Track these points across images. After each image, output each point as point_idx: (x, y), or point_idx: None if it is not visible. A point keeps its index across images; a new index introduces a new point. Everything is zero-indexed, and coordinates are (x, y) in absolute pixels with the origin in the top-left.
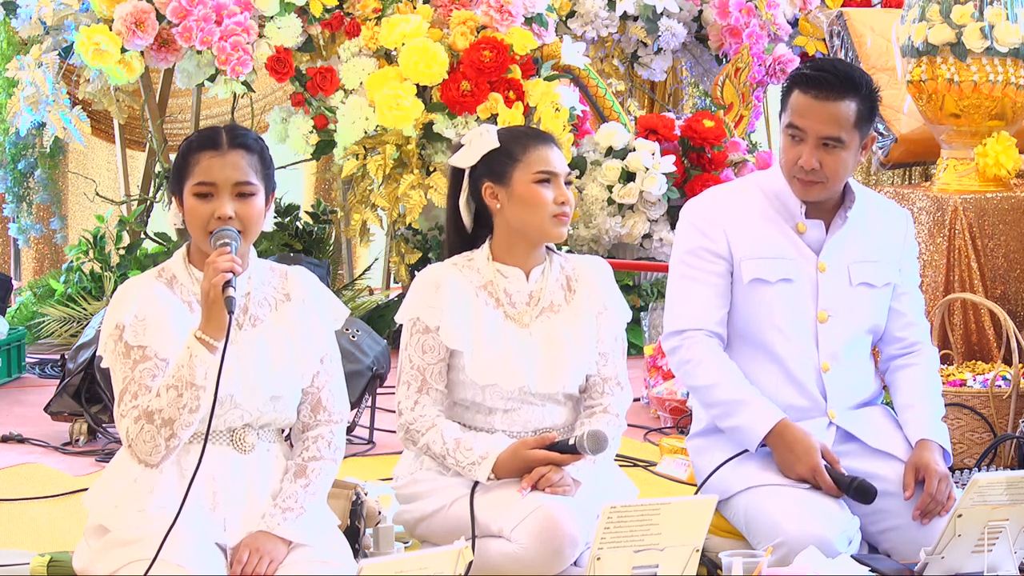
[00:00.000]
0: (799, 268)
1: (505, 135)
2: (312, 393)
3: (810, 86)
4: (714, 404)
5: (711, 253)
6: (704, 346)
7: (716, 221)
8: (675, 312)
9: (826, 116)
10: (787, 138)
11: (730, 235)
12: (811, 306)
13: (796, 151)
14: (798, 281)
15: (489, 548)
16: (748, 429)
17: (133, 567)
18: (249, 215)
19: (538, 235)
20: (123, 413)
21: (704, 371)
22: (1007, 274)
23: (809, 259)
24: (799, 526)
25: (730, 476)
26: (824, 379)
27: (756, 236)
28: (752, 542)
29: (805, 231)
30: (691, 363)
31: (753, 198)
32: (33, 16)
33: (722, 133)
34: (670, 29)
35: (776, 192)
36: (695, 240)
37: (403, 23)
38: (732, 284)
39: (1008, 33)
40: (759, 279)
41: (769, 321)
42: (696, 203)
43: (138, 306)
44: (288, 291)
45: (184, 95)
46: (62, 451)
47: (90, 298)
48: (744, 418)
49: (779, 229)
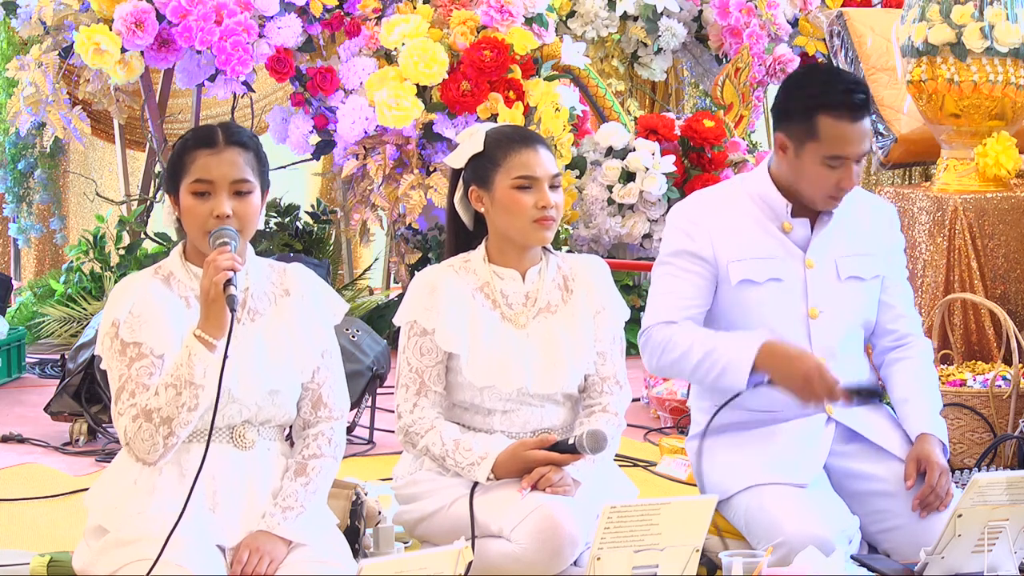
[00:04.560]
0: (787, 267)
1: (491, 138)
2: (312, 389)
3: (845, 110)
4: (694, 367)
5: (694, 256)
6: (663, 329)
7: (702, 224)
8: (649, 312)
9: (861, 135)
10: (823, 167)
11: (715, 239)
12: (801, 304)
13: (835, 176)
14: (787, 280)
15: (489, 548)
16: (735, 361)
17: (133, 567)
18: (246, 213)
19: (520, 240)
20: (121, 411)
21: (670, 345)
22: (1007, 274)
23: (796, 257)
24: (799, 526)
25: (729, 476)
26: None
27: (742, 238)
28: (752, 542)
29: (791, 230)
30: (657, 348)
31: (738, 200)
32: (33, 16)
33: (722, 133)
34: (670, 29)
35: (761, 194)
36: (679, 243)
37: (403, 23)
38: (718, 287)
39: (1008, 33)
40: (747, 280)
41: (760, 321)
42: (682, 207)
43: (134, 302)
44: (287, 287)
45: (184, 95)
46: (62, 451)
47: (90, 298)
48: (725, 355)
49: (765, 230)
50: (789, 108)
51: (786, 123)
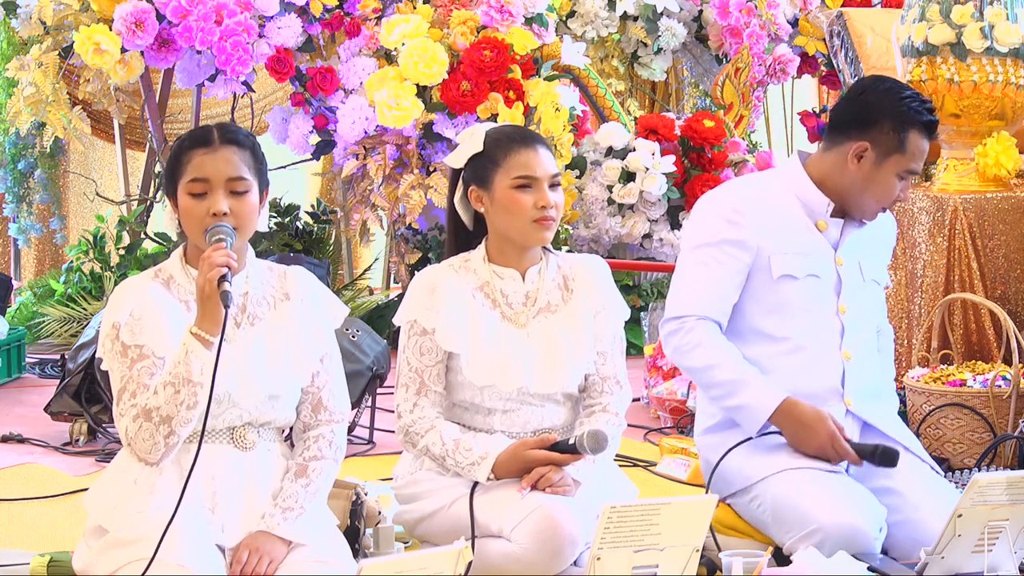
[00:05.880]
0: (822, 264)
1: (490, 137)
2: (312, 393)
3: (930, 132)
4: (714, 385)
5: (737, 246)
6: (702, 329)
7: (748, 214)
8: (681, 297)
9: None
10: (896, 180)
11: (761, 229)
12: (833, 299)
13: (900, 187)
14: (823, 277)
15: (489, 548)
16: (754, 407)
17: (133, 567)
18: (243, 211)
19: (520, 240)
20: (122, 412)
21: (703, 352)
22: (1007, 274)
23: (829, 255)
24: (832, 515)
25: (746, 465)
26: (846, 368)
27: (785, 232)
28: (779, 531)
29: (826, 229)
30: (689, 345)
31: (779, 194)
32: (33, 16)
33: (722, 133)
34: (670, 29)
35: (800, 191)
36: (721, 230)
37: (403, 23)
38: (753, 277)
39: (1008, 33)
40: (788, 275)
41: (793, 314)
42: (722, 195)
43: (134, 305)
44: (287, 290)
45: (184, 95)
46: (62, 451)
47: (90, 298)
48: (748, 397)
49: (804, 225)
50: (879, 119)
51: (874, 132)
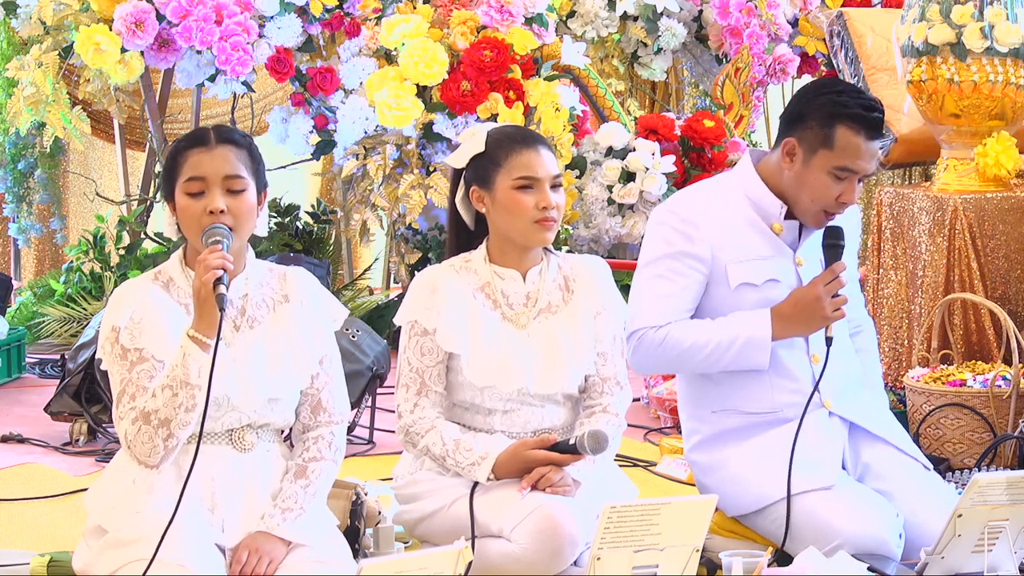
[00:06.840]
0: (781, 266)
1: (492, 138)
2: (312, 394)
3: (864, 127)
4: (709, 353)
5: (692, 258)
6: (660, 330)
7: (700, 225)
8: (639, 313)
9: (872, 153)
10: (830, 177)
11: (715, 240)
12: None
13: (838, 188)
14: (783, 280)
15: (489, 548)
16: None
17: (132, 567)
18: (240, 210)
19: (521, 240)
20: (121, 415)
21: (673, 337)
22: (1007, 274)
23: (787, 256)
24: (856, 527)
25: (765, 484)
26: (814, 371)
27: (739, 238)
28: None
29: (781, 232)
30: (655, 343)
31: (729, 200)
32: (33, 16)
33: (722, 133)
34: (670, 29)
35: (752, 195)
36: (675, 243)
37: (403, 23)
38: (711, 289)
39: (1008, 33)
40: (747, 283)
41: None
42: (673, 207)
43: (134, 308)
44: (287, 292)
45: (184, 95)
46: (62, 451)
47: (90, 298)
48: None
49: (758, 230)
50: (806, 114)
51: (801, 129)
